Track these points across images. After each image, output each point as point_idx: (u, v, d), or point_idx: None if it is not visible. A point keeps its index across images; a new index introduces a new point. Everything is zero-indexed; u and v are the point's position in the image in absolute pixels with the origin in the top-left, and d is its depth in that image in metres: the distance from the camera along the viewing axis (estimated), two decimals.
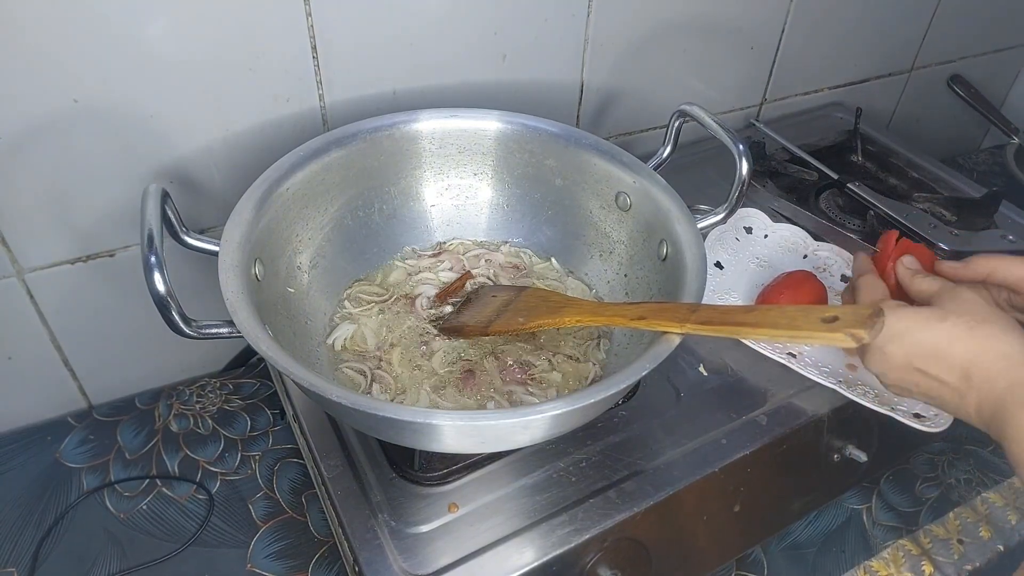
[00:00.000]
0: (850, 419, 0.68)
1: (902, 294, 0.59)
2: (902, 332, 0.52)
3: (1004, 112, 1.25)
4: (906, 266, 0.58)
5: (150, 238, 0.50)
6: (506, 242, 0.76)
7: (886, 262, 0.60)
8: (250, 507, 0.72)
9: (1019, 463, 0.47)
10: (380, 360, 0.64)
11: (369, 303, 0.69)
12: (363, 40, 0.72)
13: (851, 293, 0.60)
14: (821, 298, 0.70)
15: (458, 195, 0.75)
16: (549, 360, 0.65)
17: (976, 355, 0.49)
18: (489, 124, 0.72)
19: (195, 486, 0.73)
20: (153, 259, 0.48)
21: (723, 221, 0.65)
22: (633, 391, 0.67)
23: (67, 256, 0.70)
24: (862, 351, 0.56)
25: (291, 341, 0.60)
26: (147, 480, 0.73)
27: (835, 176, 0.92)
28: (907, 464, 0.83)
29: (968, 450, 0.84)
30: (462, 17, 0.75)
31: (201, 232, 0.66)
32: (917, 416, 0.63)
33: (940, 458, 0.84)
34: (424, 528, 0.56)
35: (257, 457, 0.76)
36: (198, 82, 0.66)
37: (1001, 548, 0.76)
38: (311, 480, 0.73)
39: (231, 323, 0.50)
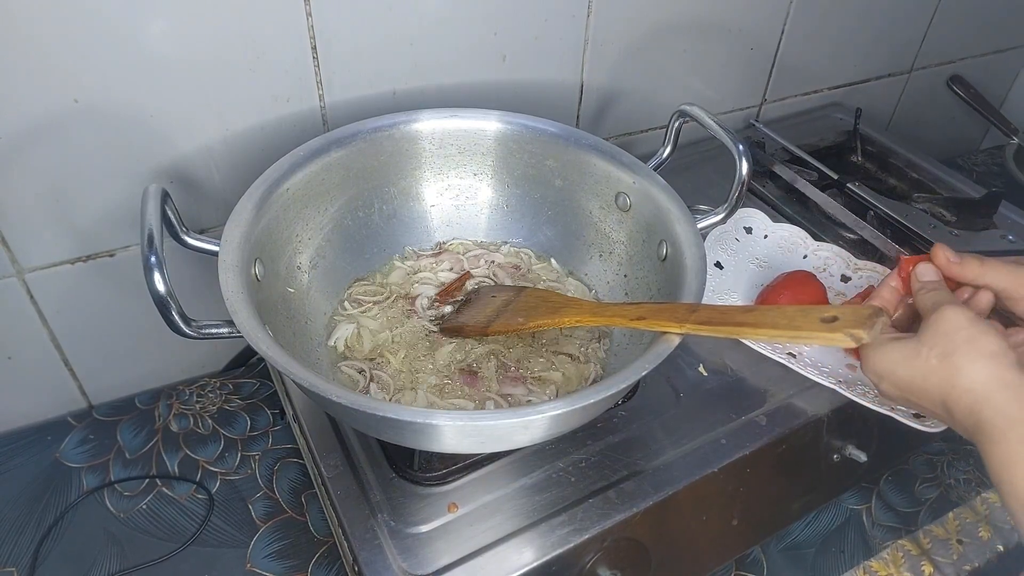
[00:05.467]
0: (850, 419, 0.68)
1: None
2: (887, 371, 0.52)
3: (1004, 112, 1.25)
4: (917, 277, 0.58)
5: (150, 238, 0.50)
6: (506, 242, 0.76)
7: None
8: (250, 507, 0.72)
9: (998, 488, 0.48)
10: (380, 360, 0.64)
11: (369, 303, 0.69)
12: (363, 40, 0.72)
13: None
14: (821, 298, 0.70)
15: (458, 195, 0.75)
16: (549, 360, 0.65)
17: (948, 389, 0.49)
18: (489, 124, 0.72)
19: (195, 486, 0.73)
20: (153, 259, 0.49)
21: (723, 221, 0.65)
22: (633, 391, 0.67)
23: (67, 256, 0.71)
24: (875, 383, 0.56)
25: (291, 341, 0.60)
26: (147, 480, 0.73)
27: (835, 176, 0.92)
28: (906, 464, 0.83)
29: (968, 450, 0.84)
30: (462, 17, 0.75)
31: (201, 232, 0.66)
32: (917, 416, 0.63)
33: (939, 458, 0.84)
34: (424, 528, 0.56)
35: (257, 457, 0.76)
36: (198, 82, 0.66)
37: (1001, 548, 0.76)
38: (311, 480, 0.73)
39: (231, 323, 0.50)
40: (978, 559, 0.75)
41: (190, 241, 0.57)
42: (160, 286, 0.48)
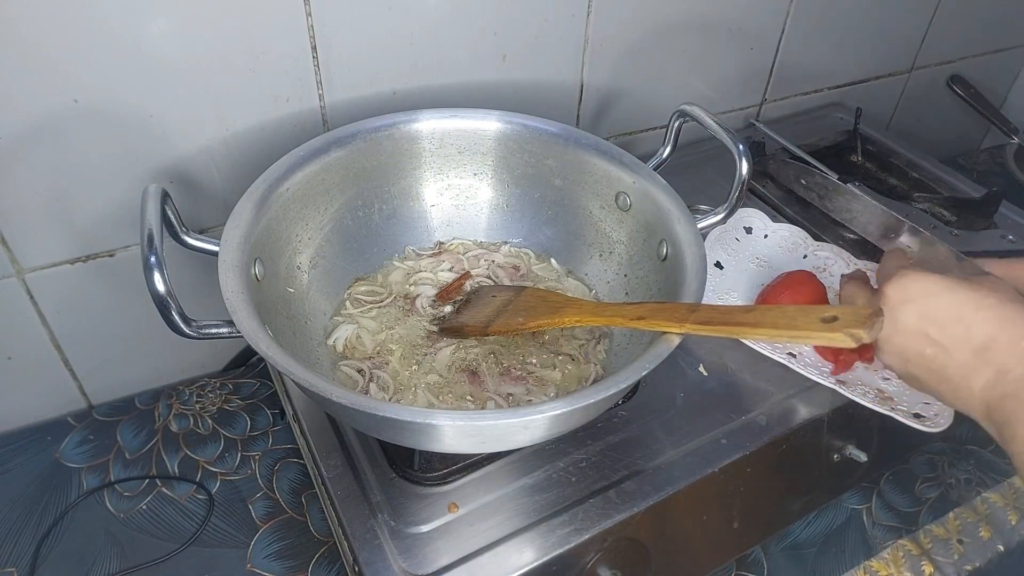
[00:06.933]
0: (850, 419, 0.68)
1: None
2: (923, 294, 0.49)
3: (1004, 112, 1.25)
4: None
5: (150, 238, 0.50)
6: (506, 242, 0.76)
7: None
8: (250, 507, 0.72)
9: (1018, 456, 0.45)
10: (379, 360, 0.64)
11: (369, 303, 0.69)
12: (363, 40, 0.72)
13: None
14: (821, 298, 0.70)
15: (458, 195, 0.75)
16: (549, 360, 0.65)
17: (999, 330, 0.46)
18: (489, 124, 0.72)
19: (195, 486, 0.73)
20: (153, 259, 0.49)
21: (723, 221, 0.65)
22: (633, 391, 0.67)
23: (67, 256, 0.71)
24: None
25: (291, 341, 0.60)
26: (147, 480, 0.73)
27: (835, 176, 0.92)
28: (907, 464, 0.83)
29: (968, 450, 0.84)
30: (462, 17, 0.75)
31: (201, 232, 0.66)
32: (917, 416, 0.63)
33: (940, 458, 0.84)
34: (424, 528, 0.56)
35: (257, 457, 0.76)
36: (198, 82, 0.66)
37: (1001, 548, 0.76)
38: (311, 480, 0.73)
39: (231, 323, 0.50)
40: (979, 559, 0.75)
41: (190, 241, 0.57)
42: (160, 286, 0.48)
